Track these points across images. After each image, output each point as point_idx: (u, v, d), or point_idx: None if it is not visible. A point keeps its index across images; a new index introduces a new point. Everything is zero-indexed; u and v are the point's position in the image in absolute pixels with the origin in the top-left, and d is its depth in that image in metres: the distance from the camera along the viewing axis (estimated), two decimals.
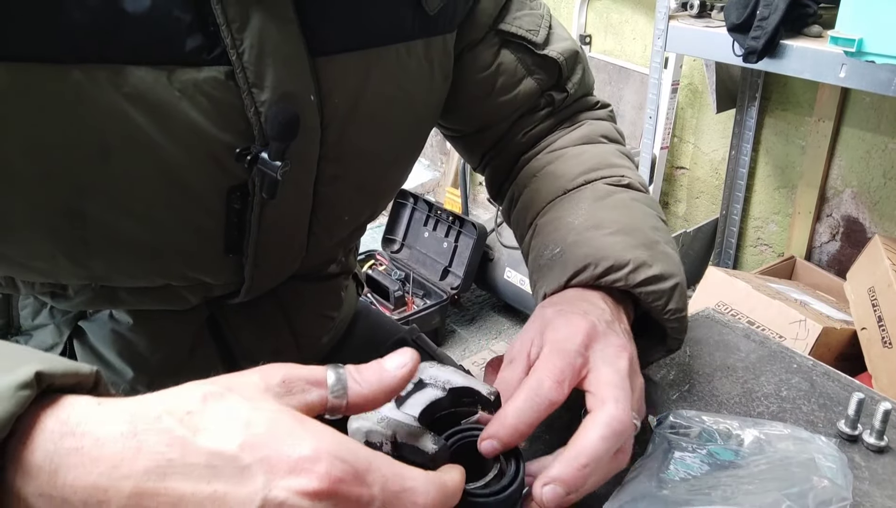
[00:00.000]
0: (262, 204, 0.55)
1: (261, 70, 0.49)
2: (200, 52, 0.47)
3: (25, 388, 0.31)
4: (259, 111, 0.50)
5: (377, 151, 0.62)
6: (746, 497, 0.48)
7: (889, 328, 1.45)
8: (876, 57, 1.16)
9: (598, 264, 0.57)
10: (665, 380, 0.69)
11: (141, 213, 0.51)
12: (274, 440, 0.32)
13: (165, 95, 0.47)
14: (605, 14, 2.36)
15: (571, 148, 0.72)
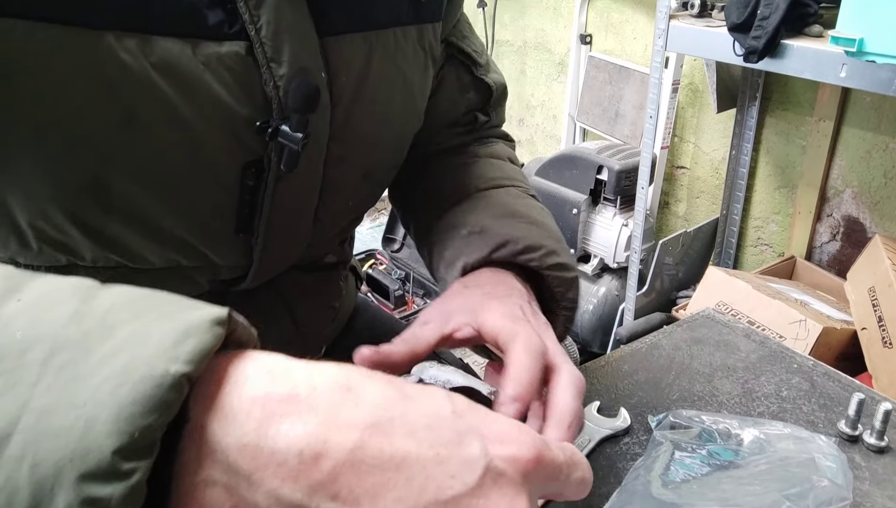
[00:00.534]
0: (277, 180, 0.57)
1: (278, 45, 0.51)
2: (221, 26, 0.49)
3: (220, 324, 0.28)
4: (277, 85, 0.52)
5: (379, 135, 0.65)
6: (746, 498, 0.48)
7: (889, 327, 1.45)
8: (876, 57, 1.16)
9: (518, 243, 0.60)
10: (665, 380, 0.69)
11: (160, 184, 0.53)
12: (475, 411, 0.31)
13: (191, 66, 0.48)
14: (605, 13, 2.36)
15: (482, 159, 0.77)
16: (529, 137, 2.88)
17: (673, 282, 2.11)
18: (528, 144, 2.89)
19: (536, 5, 2.63)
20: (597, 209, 2.10)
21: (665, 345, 0.75)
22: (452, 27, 0.73)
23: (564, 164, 2.11)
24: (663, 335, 0.76)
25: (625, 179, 1.98)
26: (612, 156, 2.02)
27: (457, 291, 0.58)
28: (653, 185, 2.03)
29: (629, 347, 0.74)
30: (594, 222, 2.10)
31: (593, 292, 2.13)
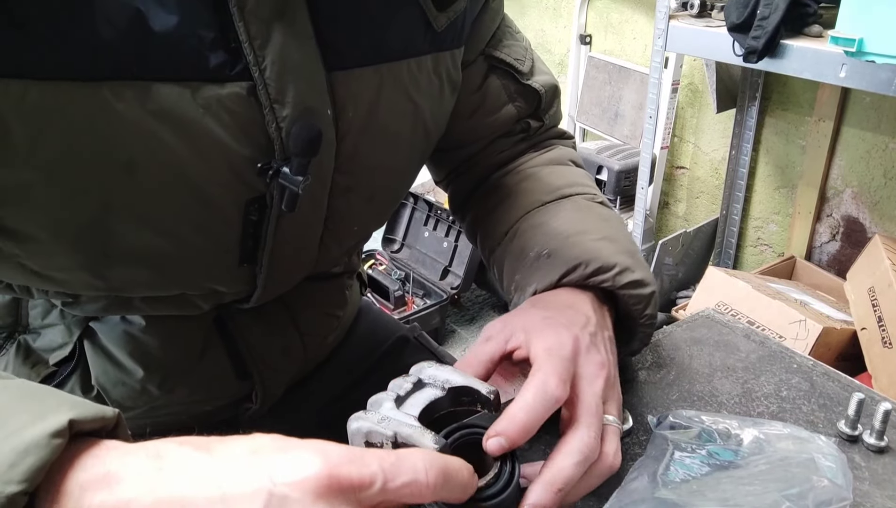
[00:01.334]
0: (279, 216, 0.56)
1: (282, 86, 0.49)
2: (223, 68, 0.48)
3: (58, 436, 0.32)
4: (280, 127, 0.50)
5: (388, 164, 0.63)
6: (747, 499, 0.48)
7: (889, 327, 1.45)
8: (876, 57, 1.16)
9: (589, 265, 0.59)
10: (665, 380, 0.69)
11: (162, 226, 0.52)
12: (278, 445, 0.34)
13: (190, 111, 0.47)
14: (605, 14, 2.36)
15: (544, 167, 0.75)
16: None
17: (673, 282, 2.11)
18: None
19: (536, 5, 2.63)
20: None
21: (665, 345, 0.75)
22: (490, 39, 0.70)
23: None
24: (663, 335, 0.76)
25: (624, 180, 1.98)
26: (611, 156, 2.02)
27: (524, 309, 0.57)
28: (652, 185, 2.03)
29: None
30: None
31: None
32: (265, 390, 0.73)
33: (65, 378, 0.67)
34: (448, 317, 2.46)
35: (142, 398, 0.68)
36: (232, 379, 0.71)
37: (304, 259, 0.64)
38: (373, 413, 0.46)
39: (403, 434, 0.43)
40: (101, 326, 0.66)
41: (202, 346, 0.68)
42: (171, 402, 0.69)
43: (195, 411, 0.72)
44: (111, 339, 0.66)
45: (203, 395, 0.71)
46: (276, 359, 0.73)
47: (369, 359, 0.87)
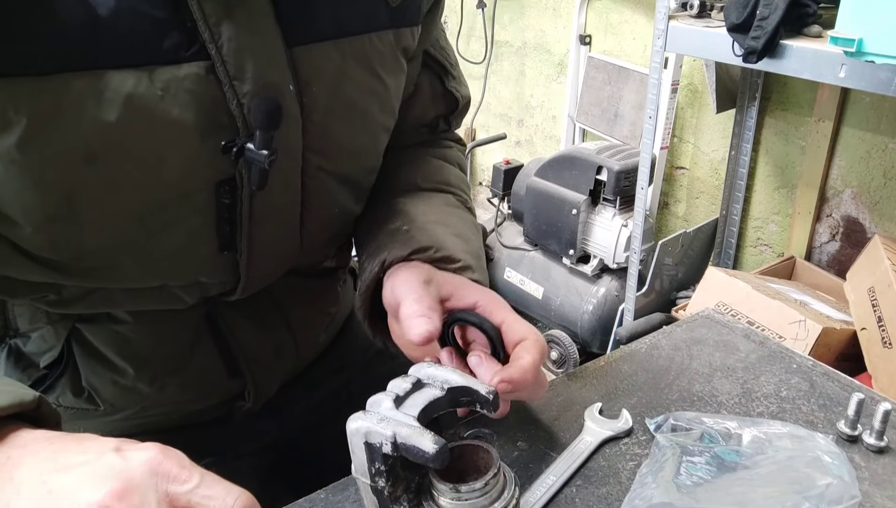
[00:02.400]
0: (251, 196, 0.56)
1: (241, 62, 0.50)
2: (178, 49, 0.48)
3: None
4: (242, 103, 0.51)
5: (358, 142, 0.64)
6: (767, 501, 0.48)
7: (889, 328, 1.45)
8: (876, 57, 1.16)
9: (439, 250, 0.62)
10: (665, 380, 0.69)
11: (131, 214, 0.52)
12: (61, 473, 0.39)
13: (148, 95, 0.47)
14: (604, 14, 2.36)
15: (433, 159, 0.79)
16: (529, 137, 2.88)
17: (672, 282, 2.11)
18: (528, 144, 2.89)
19: (536, 6, 2.63)
20: (596, 210, 2.10)
21: (665, 345, 0.75)
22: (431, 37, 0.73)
23: (564, 164, 2.11)
24: (663, 336, 0.77)
25: (624, 180, 1.98)
26: (611, 156, 2.02)
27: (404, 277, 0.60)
28: (652, 185, 2.03)
29: (629, 347, 0.75)
30: (594, 222, 2.10)
31: (593, 293, 2.13)
32: (257, 388, 0.73)
33: (55, 381, 0.67)
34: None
35: (133, 398, 0.68)
36: (223, 378, 0.71)
37: (287, 245, 0.64)
38: (372, 414, 0.46)
39: (402, 435, 0.43)
40: (89, 327, 0.65)
41: (192, 344, 0.67)
42: (163, 401, 0.69)
43: (188, 409, 0.71)
44: (100, 339, 0.65)
45: (194, 394, 0.70)
46: (267, 357, 0.72)
47: (364, 357, 0.86)
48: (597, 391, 0.67)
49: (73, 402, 0.68)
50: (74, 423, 0.70)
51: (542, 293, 2.23)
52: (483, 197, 3.02)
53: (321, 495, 0.57)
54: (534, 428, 0.62)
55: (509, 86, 2.87)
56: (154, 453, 0.38)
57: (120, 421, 0.70)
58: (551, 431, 0.62)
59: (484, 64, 2.87)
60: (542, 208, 2.16)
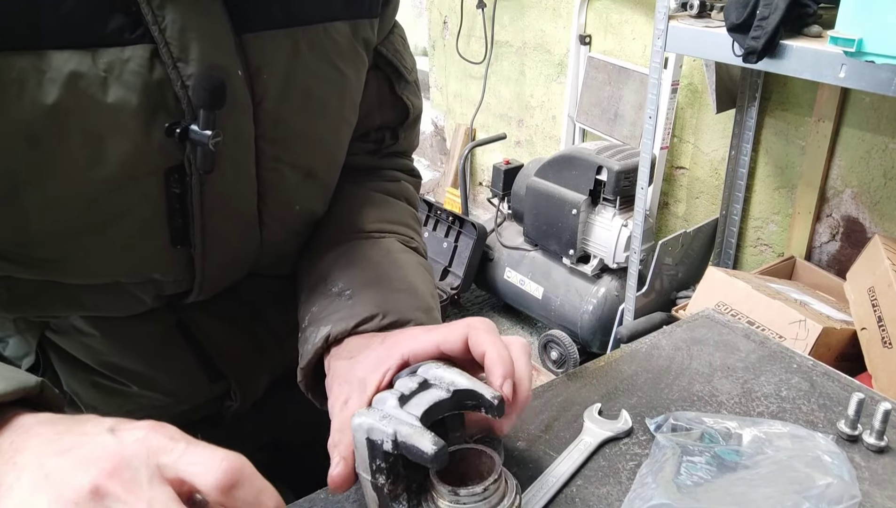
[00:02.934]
0: (202, 184, 0.55)
1: (185, 44, 0.50)
2: (122, 31, 0.48)
3: None
4: (186, 85, 0.51)
5: (318, 133, 0.63)
6: (767, 501, 0.48)
7: (889, 328, 1.45)
8: (876, 57, 1.16)
9: (385, 317, 0.59)
10: (665, 380, 0.69)
11: (78, 198, 0.51)
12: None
13: (90, 76, 0.47)
14: (604, 14, 2.36)
15: (378, 195, 0.74)
16: (529, 137, 2.88)
17: (672, 282, 2.11)
18: (528, 144, 2.89)
19: (536, 6, 2.63)
20: (596, 210, 2.10)
21: (665, 345, 0.75)
22: (385, 37, 0.70)
23: (564, 164, 2.11)
24: (663, 336, 0.77)
25: (624, 180, 1.98)
26: (611, 156, 2.02)
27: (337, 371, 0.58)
28: (652, 185, 2.03)
29: (629, 347, 0.75)
30: (594, 222, 2.10)
31: (593, 293, 2.13)
32: (243, 387, 0.72)
33: None
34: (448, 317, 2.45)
35: (115, 401, 0.67)
36: (205, 382, 0.70)
37: (245, 241, 0.63)
38: (376, 411, 0.46)
39: (403, 433, 0.43)
40: (60, 338, 0.65)
41: (165, 355, 0.67)
42: (144, 406, 0.69)
43: (174, 411, 0.71)
44: (72, 348, 0.65)
45: (177, 398, 0.70)
46: (248, 357, 0.72)
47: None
48: (597, 391, 0.67)
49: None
50: None
51: (542, 293, 2.23)
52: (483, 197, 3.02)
53: (321, 495, 0.57)
54: (533, 428, 0.62)
55: (509, 86, 2.87)
56: (145, 430, 0.38)
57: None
58: (551, 431, 0.62)
59: (484, 64, 2.87)
60: (542, 208, 2.16)
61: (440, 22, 3.12)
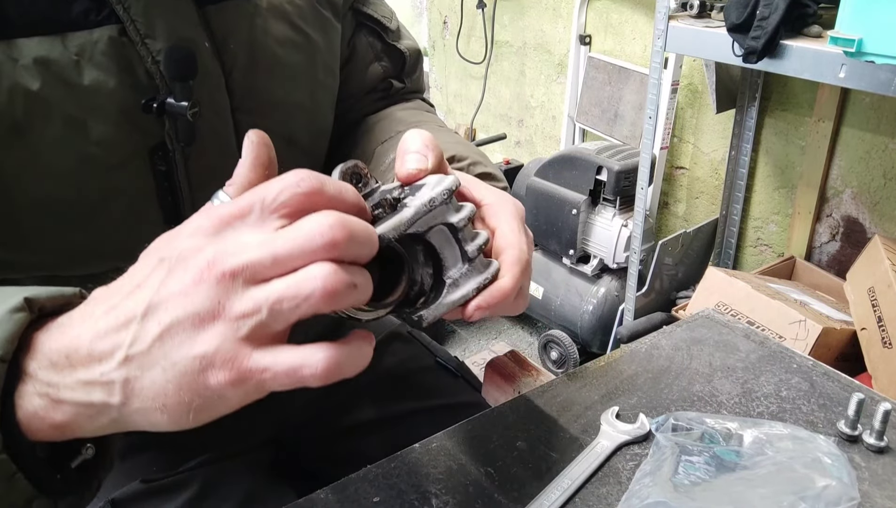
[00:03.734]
0: (186, 159, 0.56)
1: (150, 21, 0.51)
2: (88, 14, 0.49)
3: (19, 311, 0.35)
4: (157, 60, 0.52)
5: (293, 100, 0.64)
6: (763, 502, 0.48)
7: (889, 328, 1.45)
8: (876, 57, 1.16)
9: (445, 153, 0.57)
10: (665, 380, 0.69)
11: (68, 186, 0.52)
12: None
13: (63, 60, 0.48)
14: (604, 14, 2.36)
15: (402, 111, 0.77)
16: (529, 137, 2.88)
17: (672, 282, 2.11)
18: (528, 144, 2.89)
19: (536, 6, 2.63)
20: (596, 210, 2.10)
21: (665, 345, 0.75)
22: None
23: (564, 164, 2.11)
24: (663, 336, 0.77)
25: (624, 180, 1.98)
26: (611, 156, 2.02)
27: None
28: (652, 185, 2.03)
29: (629, 347, 0.74)
30: (594, 222, 2.10)
31: (593, 293, 2.13)
32: None
33: None
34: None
35: None
36: None
37: None
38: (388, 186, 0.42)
39: (384, 205, 0.41)
40: None
41: None
42: None
43: None
44: None
45: None
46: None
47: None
48: (597, 391, 0.67)
49: None
50: None
51: (543, 293, 2.23)
52: None
53: (321, 495, 0.57)
54: (533, 428, 0.62)
55: (509, 86, 2.87)
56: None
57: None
58: (551, 431, 0.62)
59: (484, 64, 2.87)
60: (542, 208, 2.16)
61: (440, 22, 3.12)
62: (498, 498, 0.55)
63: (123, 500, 0.66)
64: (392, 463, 0.59)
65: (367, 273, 0.36)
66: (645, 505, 0.49)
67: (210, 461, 0.71)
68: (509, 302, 0.47)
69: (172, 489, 0.68)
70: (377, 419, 0.81)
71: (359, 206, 0.37)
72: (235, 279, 0.33)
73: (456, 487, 0.56)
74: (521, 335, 2.47)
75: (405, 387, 0.84)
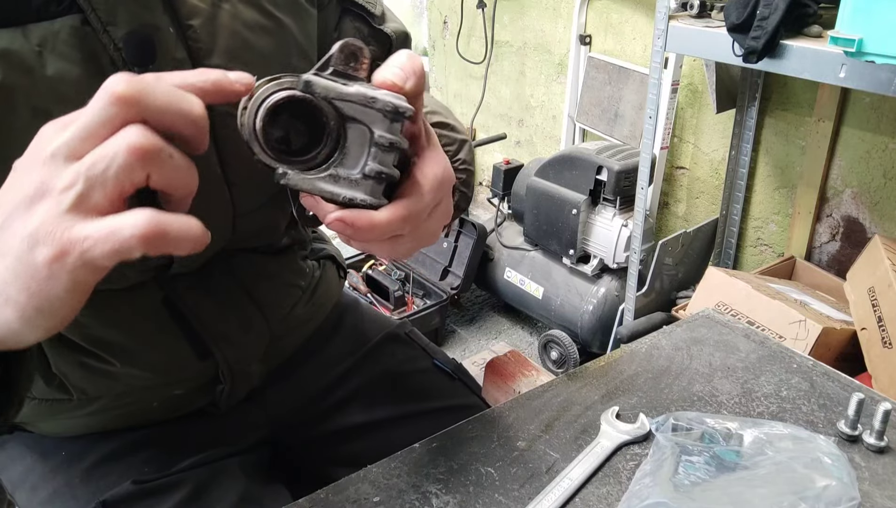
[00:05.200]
0: None
1: (111, 8, 0.51)
2: (48, 5, 0.49)
3: None
4: (119, 48, 0.52)
5: None
6: (763, 502, 0.48)
7: (889, 328, 1.45)
8: (876, 57, 1.16)
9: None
10: (665, 380, 0.69)
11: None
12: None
13: (25, 52, 0.49)
14: (605, 14, 2.36)
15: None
16: (529, 137, 2.88)
17: (673, 282, 2.11)
18: (528, 144, 2.89)
19: (536, 6, 2.63)
20: (596, 210, 2.10)
21: (665, 345, 0.75)
22: None
23: (564, 164, 2.11)
24: (663, 335, 0.77)
25: (624, 180, 1.98)
26: (611, 156, 2.02)
27: None
28: (652, 185, 2.03)
29: (629, 347, 0.75)
30: (594, 222, 2.10)
31: (593, 293, 2.13)
32: (232, 368, 0.72)
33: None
34: (448, 317, 2.46)
35: (104, 383, 0.67)
36: (193, 360, 0.70)
37: (217, 204, 0.63)
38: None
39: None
40: None
41: (152, 329, 0.67)
42: (135, 386, 0.68)
43: (165, 395, 0.70)
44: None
45: (165, 378, 0.69)
46: (234, 334, 0.71)
47: (355, 354, 0.86)
48: (597, 391, 0.67)
49: (45, 392, 0.67)
50: (52, 418, 0.70)
51: (542, 293, 2.23)
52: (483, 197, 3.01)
53: (321, 495, 0.57)
54: (534, 428, 0.62)
55: (509, 86, 2.87)
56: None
57: (98, 413, 0.69)
58: (551, 431, 0.62)
59: (484, 64, 2.87)
60: (542, 208, 2.16)
61: (440, 22, 3.12)
62: (498, 498, 0.55)
63: (115, 501, 0.65)
64: (392, 463, 0.59)
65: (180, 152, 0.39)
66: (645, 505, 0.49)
67: (203, 462, 0.71)
68: (377, 236, 0.44)
69: (165, 490, 0.67)
70: (372, 422, 0.81)
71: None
72: (55, 158, 0.36)
73: (456, 487, 0.56)
74: (521, 335, 2.47)
75: (401, 389, 0.84)
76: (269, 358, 0.77)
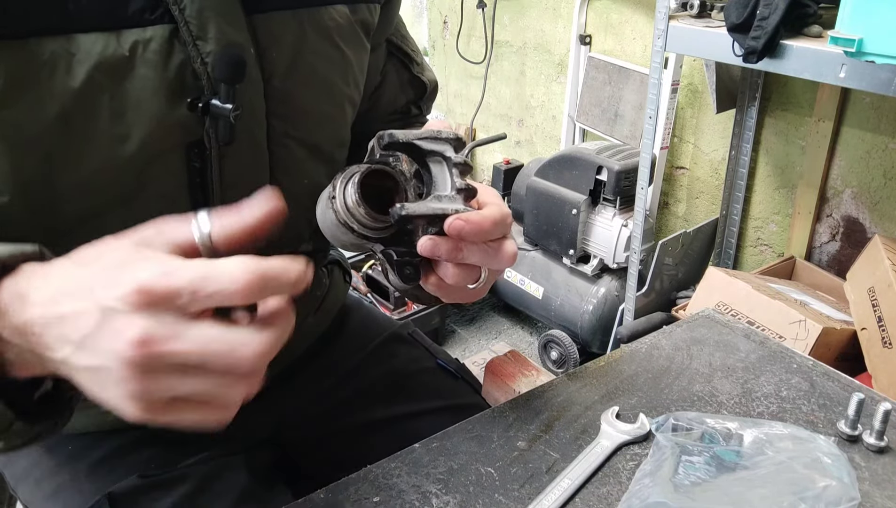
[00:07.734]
0: (220, 158, 0.58)
1: (203, 23, 0.53)
2: (143, 12, 0.51)
3: None
4: (206, 62, 0.54)
5: (323, 110, 0.67)
6: (763, 502, 0.48)
7: (889, 328, 1.45)
8: (876, 57, 1.16)
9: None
10: (665, 380, 0.69)
11: (108, 179, 0.54)
12: (104, 265, 0.40)
13: (116, 56, 0.51)
14: (605, 14, 2.36)
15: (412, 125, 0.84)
16: (529, 137, 2.88)
17: (673, 282, 2.11)
18: (528, 144, 2.89)
19: (536, 6, 2.63)
20: (596, 210, 2.10)
21: (665, 345, 0.75)
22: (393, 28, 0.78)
23: (564, 164, 2.11)
24: (663, 335, 0.77)
25: (624, 180, 1.98)
26: (611, 156, 2.02)
27: None
28: (652, 185, 2.03)
29: (629, 347, 0.75)
30: (594, 222, 2.10)
31: (593, 293, 2.13)
32: None
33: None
34: (448, 317, 2.46)
35: None
36: None
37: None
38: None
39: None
40: None
41: None
42: None
43: None
44: None
45: None
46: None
47: (359, 355, 0.86)
48: (597, 391, 0.67)
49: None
50: None
51: (543, 293, 2.23)
52: None
53: (321, 495, 0.57)
54: (534, 428, 0.62)
55: (509, 86, 2.87)
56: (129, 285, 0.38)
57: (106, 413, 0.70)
58: (551, 431, 0.62)
59: (484, 64, 2.87)
60: (542, 208, 2.16)
61: (440, 22, 3.12)
62: (498, 498, 0.55)
63: (121, 494, 0.66)
64: (392, 463, 0.59)
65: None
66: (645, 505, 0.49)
67: (208, 459, 0.72)
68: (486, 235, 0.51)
69: (169, 484, 0.68)
70: (377, 421, 0.81)
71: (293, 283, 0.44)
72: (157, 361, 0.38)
73: (456, 487, 0.56)
74: (521, 335, 2.47)
75: (405, 388, 0.84)
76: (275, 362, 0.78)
